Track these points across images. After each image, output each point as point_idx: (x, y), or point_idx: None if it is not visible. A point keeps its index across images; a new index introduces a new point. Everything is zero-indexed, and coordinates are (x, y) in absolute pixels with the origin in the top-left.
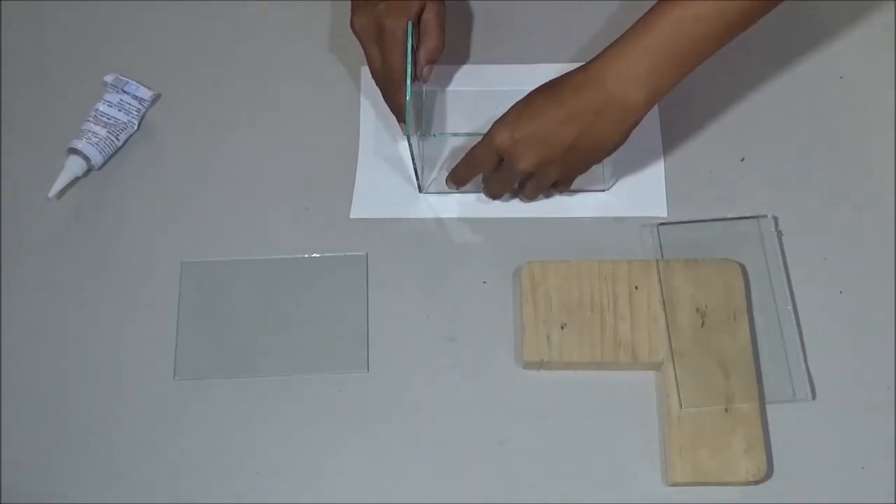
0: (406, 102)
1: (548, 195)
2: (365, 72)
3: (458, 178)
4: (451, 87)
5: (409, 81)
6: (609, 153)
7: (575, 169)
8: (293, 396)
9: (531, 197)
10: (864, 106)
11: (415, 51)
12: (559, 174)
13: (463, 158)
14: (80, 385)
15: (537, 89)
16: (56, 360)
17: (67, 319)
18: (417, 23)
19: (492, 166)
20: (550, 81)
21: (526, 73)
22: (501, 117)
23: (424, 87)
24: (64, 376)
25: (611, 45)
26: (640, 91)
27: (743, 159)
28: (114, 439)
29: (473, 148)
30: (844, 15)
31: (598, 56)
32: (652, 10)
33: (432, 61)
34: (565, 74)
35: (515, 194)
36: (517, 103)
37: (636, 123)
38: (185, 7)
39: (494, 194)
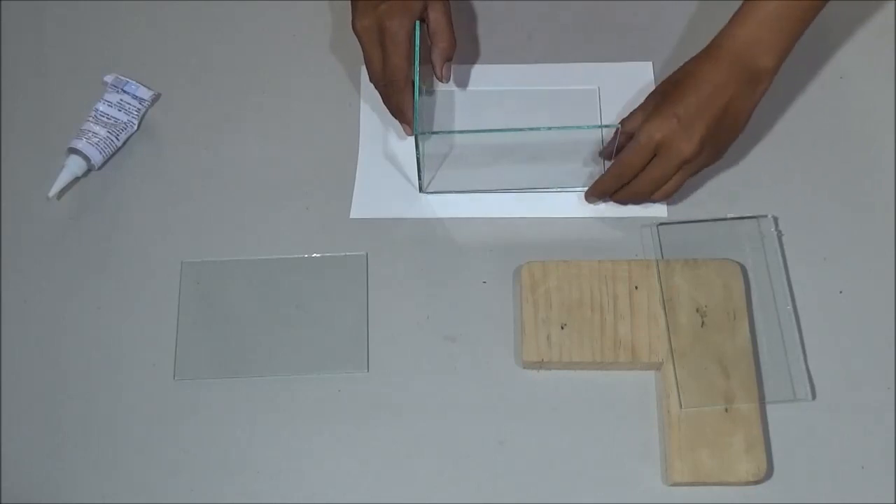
0: (415, 101)
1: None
2: (365, 71)
3: (607, 190)
4: (451, 87)
5: (417, 80)
6: (746, 124)
7: (722, 146)
8: (293, 396)
9: (673, 189)
10: (864, 106)
11: (428, 51)
12: (708, 158)
13: (610, 169)
14: (80, 385)
15: (661, 85)
16: (56, 360)
17: (67, 319)
18: (423, 24)
19: (642, 167)
20: (672, 74)
21: (526, 73)
22: (646, 118)
23: (443, 87)
24: (64, 376)
25: (729, 23)
26: (769, 57)
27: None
28: (114, 439)
29: (623, 155)
30: (844, 15)
31: (720, 34)
32: None
33: (448, 59)
34: (688, 62)
35: (649, 196)
36: (647, 101)
37: (766, 89)
38: (185, 7)
39: (641, 193)
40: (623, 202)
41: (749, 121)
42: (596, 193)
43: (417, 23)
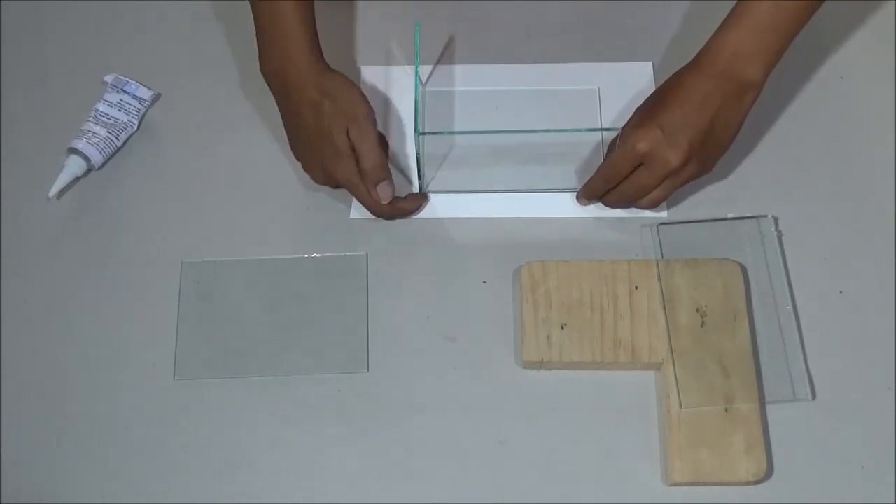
0: (415, 102)
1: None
2: (365, 72)
3: (595, 192)
4: (450, 88)
5: (417, 81)
6: (735, 136)
7: (710, 159)
8: (293, 396)
9: (661, 198)
10: (864, 106)
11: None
12: (696, 170)
13: (598, 171)
14: (80, 385)
15: (652, 94)
16: (56, 360)
17: (67, 320)
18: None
19: (628, 174)
20: (662, 84)
21: (525, 73)
22: (633, 125)
23: (442, 88)
24: (64, 376)
25: (720, 27)
26: (755, 68)
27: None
28: (114, 439)
29: (611, 159)
30: (844, 15)
31: (710, 40)
32: None
33: (378, 181)
34: (676, 72)
35: (635, 201)
36: (637, 111)
37: (754, 101)
38: (185, 7)
39: (628, 198)
40: (612, 206)
41: (738, 132)
42: (586, 195)
43: (417, 24)
